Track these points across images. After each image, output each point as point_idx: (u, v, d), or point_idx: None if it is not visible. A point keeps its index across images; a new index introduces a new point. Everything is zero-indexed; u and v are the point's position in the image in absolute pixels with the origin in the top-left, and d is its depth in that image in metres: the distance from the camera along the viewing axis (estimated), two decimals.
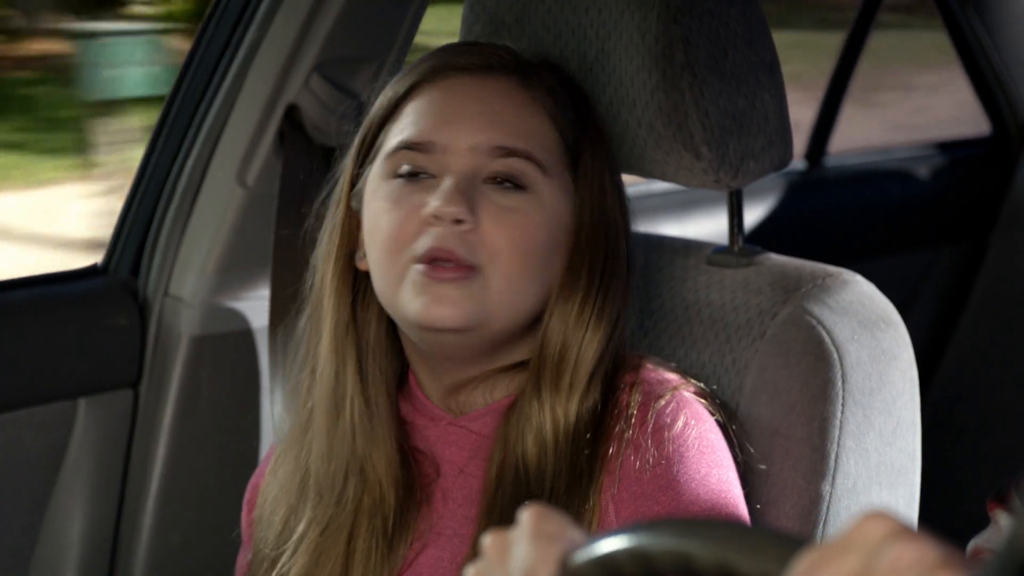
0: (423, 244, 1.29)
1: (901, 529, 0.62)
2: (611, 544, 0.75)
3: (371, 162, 1.36)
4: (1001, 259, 3.07)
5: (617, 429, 1.30)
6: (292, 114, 1.92)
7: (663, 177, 1.52)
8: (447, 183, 1.29)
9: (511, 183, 1.31)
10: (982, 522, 1.37)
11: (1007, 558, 0.56)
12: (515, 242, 1.30)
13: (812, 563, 0.64)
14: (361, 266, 1.37)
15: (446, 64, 1.35)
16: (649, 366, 1.36)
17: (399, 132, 1.34)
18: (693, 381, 1.36)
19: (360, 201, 1.37)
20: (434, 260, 1.28)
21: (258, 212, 1.93)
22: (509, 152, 1.30)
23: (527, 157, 1.31)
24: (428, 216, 1.28)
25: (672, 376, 1.35)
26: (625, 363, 1.36)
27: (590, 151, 1.37)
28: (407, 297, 1.30)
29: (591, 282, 1.34)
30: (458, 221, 1.28)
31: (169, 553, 1.97)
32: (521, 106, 1.34)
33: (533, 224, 1.31)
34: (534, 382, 1.33)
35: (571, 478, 1.30)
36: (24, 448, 1.89)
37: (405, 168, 1.32)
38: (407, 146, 1.32)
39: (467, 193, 1.28)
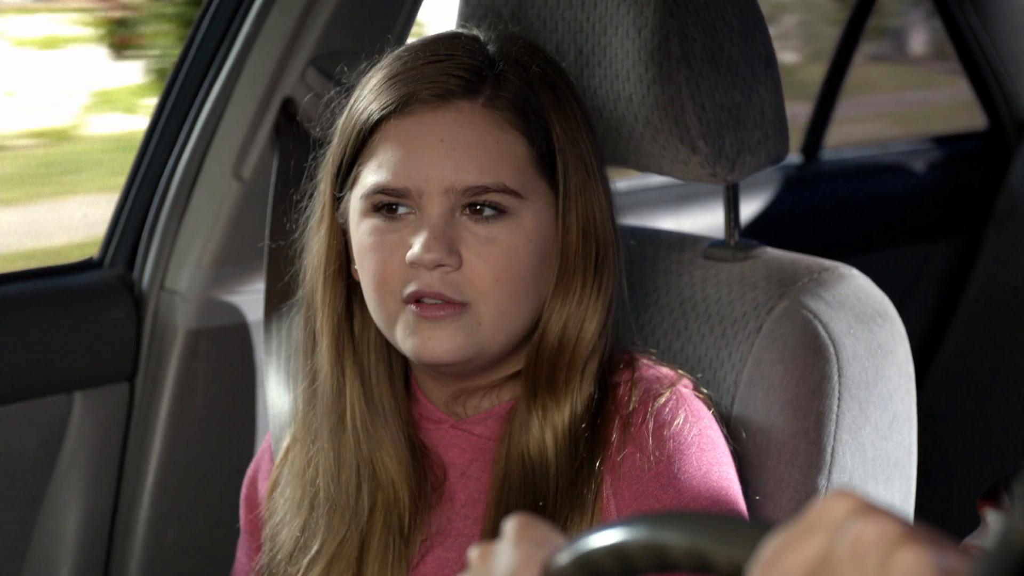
0: (409, 288, 1.28)
1: (864, 506, 0.63)
2: (589, 544, 0.75)
3: (350, 188, 1.34)
4: (996, 253, 3.08)
5: (617, 426, 1.30)
6: (288, 107, 1.92)
7: (659, 171, 1.52)
8: (424, 228, 1.28)
9: (491, 208, 1.29)
10: (978, 516, 1.37)
11: (1001, 556, 0.56)
12: (500, 274, 1.29)
13: (778, 546, 0.64)
14: (357, 276, 1.36)
15: (409, 95, 1.30)
16: (644, 362, 1.36)
17: (372, 172, 1.31)
18: (685, 375, 1.36)
19: (346, 220, 1.35)
20: (421, 299, 1.28)
21: (254, 206, 1.93)
22: (483, 189, 1.28)
23: (501, 190, 1.29)
24: (410, 263, 1.28)
25: (668, 372, 1.35)
26: (619, 360, 1.36)
27: (568, 148, 1.33)
28: (402, 334, 1.30)
29: (586, 275, 1.33)
30: (439, 265, 1.27)
31: (165, 546, 1.97)
32: (488, 132, 1.29)
33: (516, 251, 1.29)
34: (531, 382, 1.33)
35: (574, 477, 1.30)
36: (20, 442, 1.88)
37: (383, 207, 1.30)
38: (382, 191, 1.30)
39: (446, 235, 1.27)
